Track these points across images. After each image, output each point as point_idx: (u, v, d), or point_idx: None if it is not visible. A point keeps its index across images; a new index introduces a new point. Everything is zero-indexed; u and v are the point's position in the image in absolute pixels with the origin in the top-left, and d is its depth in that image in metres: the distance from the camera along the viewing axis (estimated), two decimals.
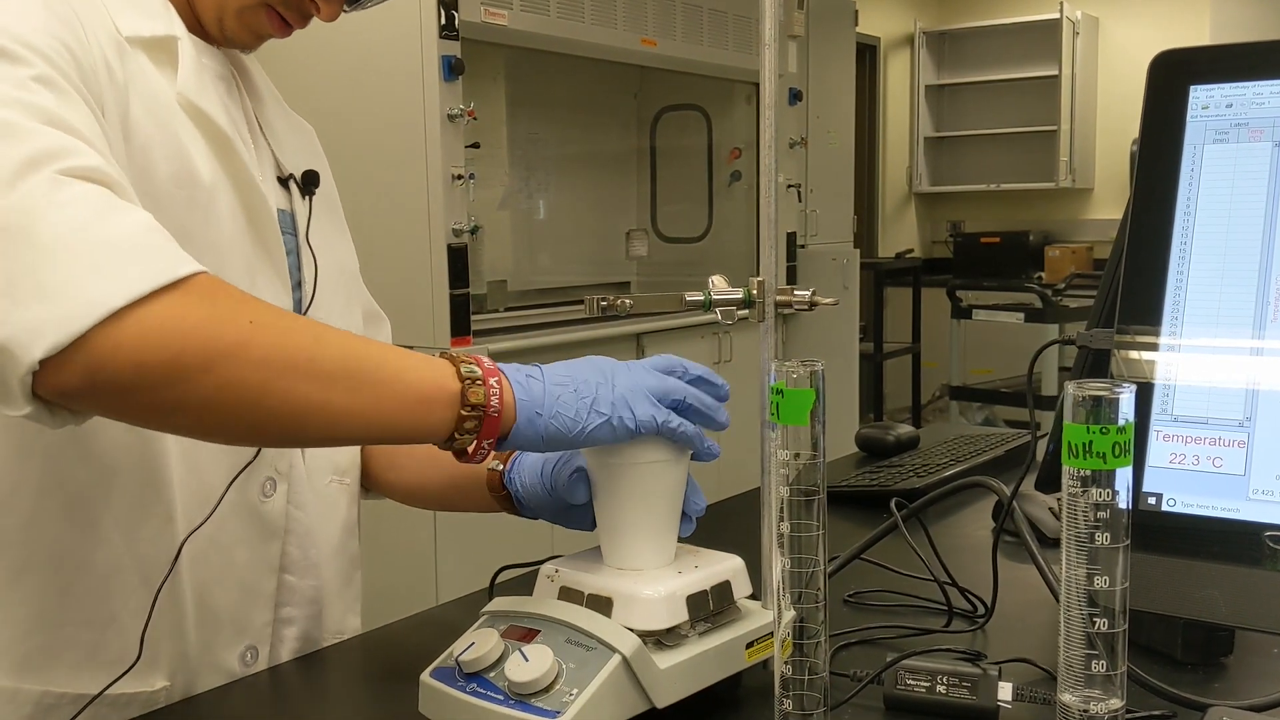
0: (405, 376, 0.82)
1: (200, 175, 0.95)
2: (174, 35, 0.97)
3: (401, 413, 0.82)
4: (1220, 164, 0.89)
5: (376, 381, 0.81)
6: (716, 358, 4.06)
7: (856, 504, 1.48)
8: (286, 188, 1.10)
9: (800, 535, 0.74)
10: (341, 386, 0.80)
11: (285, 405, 0.78)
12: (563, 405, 0.84)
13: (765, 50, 0.91)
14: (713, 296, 0.93)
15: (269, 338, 0.78)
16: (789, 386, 0.72)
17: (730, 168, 4.70)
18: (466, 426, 0.82)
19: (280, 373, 0.78)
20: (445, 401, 0.82)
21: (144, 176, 0.90)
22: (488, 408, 0.82)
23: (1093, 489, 0.62)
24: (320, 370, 0.79)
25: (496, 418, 0.83)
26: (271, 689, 1.02)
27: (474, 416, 0.82)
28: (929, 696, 0.87)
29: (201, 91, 0.97)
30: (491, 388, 0.83)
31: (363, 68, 3.23)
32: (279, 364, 0.78)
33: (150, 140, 0.92)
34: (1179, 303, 0.89)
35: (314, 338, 0.81)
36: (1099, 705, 0.64)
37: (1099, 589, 0.63)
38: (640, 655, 0.81)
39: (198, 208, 0.94)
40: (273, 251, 1.02)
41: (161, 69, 0.96)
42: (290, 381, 0.78)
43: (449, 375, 0.83)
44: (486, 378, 0.83)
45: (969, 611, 1.08)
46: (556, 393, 0.84)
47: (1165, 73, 0.93)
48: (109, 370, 0.74)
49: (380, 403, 0.81)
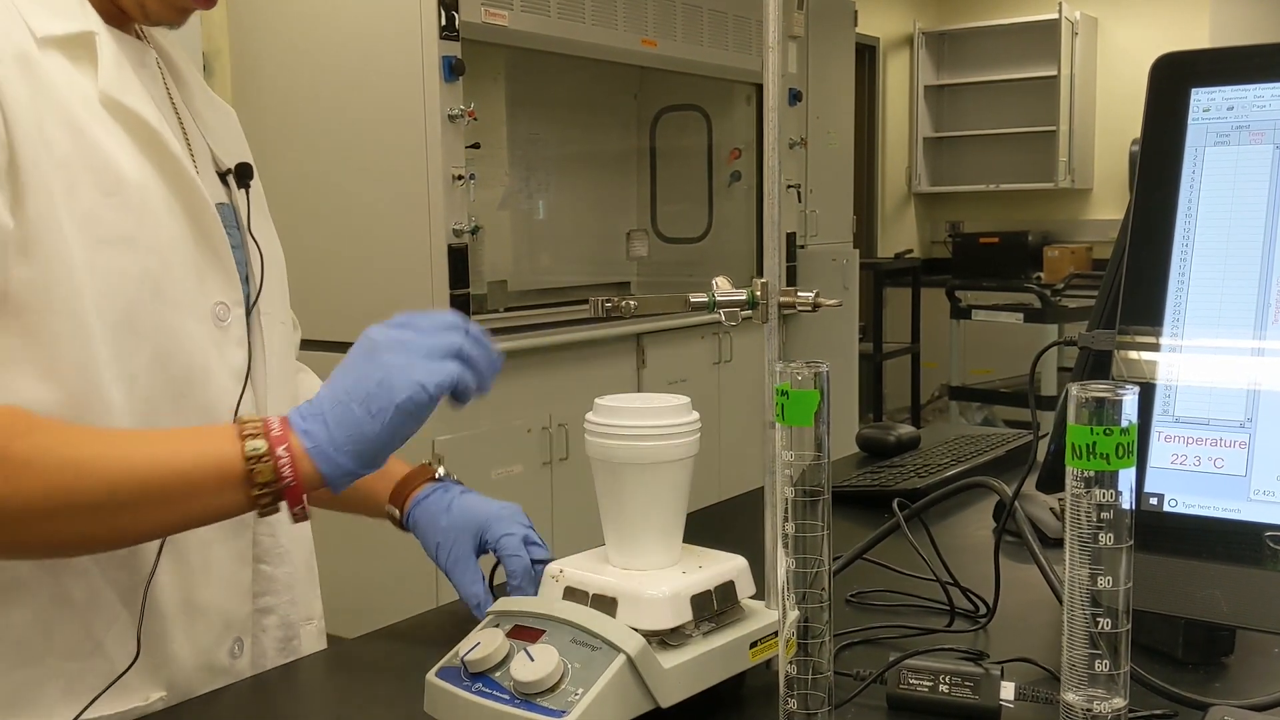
0: (179, 478, 0.84)
1: (127, 176, 0.92)
2: (91, 31, 0.93)
3: (191, 513, 0.86)
4: (1221, 167, 0.89)
5: (148, 498, 0.84)
6: (716, 358, 4.07)
7: (858, 504, 1.48)
8: (225, 182, 1.08)
9: (805, 535, 0.74)
10: (106, 516, 0.84)
11: (50, 544, 0.86)
12: (354, 426, 0.85)
13: (769, 54, 0.91)
14: (716, 298, 0.94)
15: (19, 491, 0.81)
16: (794, 388, 0.73)
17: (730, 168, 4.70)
18: (263, 502, 0.85)
19: (37, 521, 0.82)
20: (233, 487, 0.84)
21: (70, 194, 0.88)
22: (279, 481, 0.84)
23: (1096, 490, 0.63)
24: (82, 505, 0.83)
25: (296, 485, 0.85)
26: (275, 689, 1.02)
27: (269, 492, 0.84)
28: (931, 696, 0.87)
29: (125, 88, 0.94)
30: (280, 458, 0.84)
31: (363, 68, 3.24)
32: (35, 515, 0.82)
33: (69, 155, 0.88)
34: (1180, 304, 0.89)
35: (75, 472, 0.83)
36: (1102, 705, 0.64)
37: (1102, 589, 0.63)
38: (645, 655, 0.81)
39: (131, 211, 0.92)
40: (217, 247, 1.00)
41: (81, 67, 0.92)
42: (52, 524, 0.83)
43: (233, 459, 0.84)
44: (274, 448, 0.84)
45: (971, 611, 1.09)
46: (339, 416, 0.85)
47: (1167, 75, 0.93)
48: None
49: (183, 513, 0.86)
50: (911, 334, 6.68)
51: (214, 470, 0.84)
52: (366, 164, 3.26)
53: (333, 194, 3.28)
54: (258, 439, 0.85)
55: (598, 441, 0.89)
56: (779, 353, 0.91)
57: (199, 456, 0.85)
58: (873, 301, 6.18)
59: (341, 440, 0.85)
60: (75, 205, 0.88)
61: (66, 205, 0.87)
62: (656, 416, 0.87)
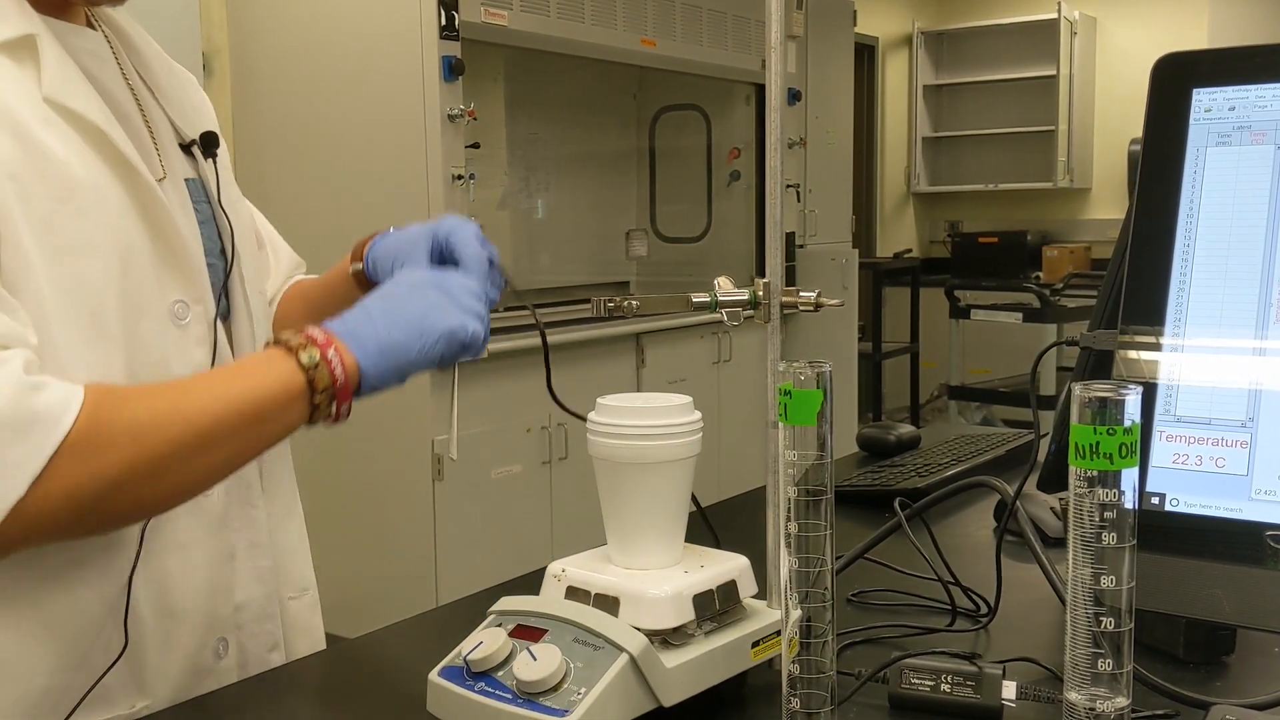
0: (257, 402, 0.88)
1: (81, 180, 0.90)
2: (31, 34, 0.91)
3: (267, 436, 0.90)
4: (1223, 167, 0.90)
5: (237, 426, 0.88)
6: (716, 357, 4.07)
7: (858, 504, 1.48)
8: (190, 153, 1.07)
9: (808, 535, 0.74)
10: (212, 450, 0.87)
11: (171, 493, 0.89)
12: (398, 340, 0.91)
13: (771, 53, 0.91)
14: (719, 298, 0.94)
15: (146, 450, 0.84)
16: (797, 388, 0.73)
17: (729, 168, 4.71)
18: (321, 406, 0.89)
19: (161, 473, 0.85)
20: (298, 399, 0.88)
21: (25, 204, 0.86)
22: (334, 384, 0.89)
23: (1099, 489, 0.63)
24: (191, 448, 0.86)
25: (345, 385, 0.89)
26: (277, 689, 1.02)
27: (326, 395, 0.89)
28: (933, 695, 0.87)
29: (68, 89, 0.92)
30: (331, 362, 0.88)
31: (363, 68, 3.24)
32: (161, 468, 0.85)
33: (20, 164, 0.87)
34: (1182, 304, 0.90)
35: (170, 418, 0.86)
36: (1105, 704, 0.64)
37: (1105, 588, 0.63)
38: (647, 654, 0.81)
39: (88, 216, 0.91)
40: (173, 244, 0.98)
41: (24, 69, 0.90)
42: (171, 474, 0.86)
43: (294, 371, 0.88)
44: (324, 352, 0.89)
45: (972, 611, 1.09)
46: (389, 326, 0.91)
47: (1168, 75, 0.93)
48: (22, 544, 0.84)
49: (246, 443, 0.90)
50: (910, 334, 6.69)
51: (282, 390, 0.88)
52: (366, 163, 3.26)
53: (333, 193, 3.28)
54: (308, 349, 0.89)
55: (600, 441, 0.89)
56: (780, 352, 0.91)
57: (266, 381, 0.88)
58: (872, 301, 6.19)
59: (389, 347, 0.91)
60: (32, 214, 0.86)
61: (24, 215, 0.86)
62: (659, 416, 0.88)
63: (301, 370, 0.88)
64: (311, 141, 3.33)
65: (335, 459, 3.18)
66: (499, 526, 3.38)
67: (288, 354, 0.89)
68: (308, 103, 3.33)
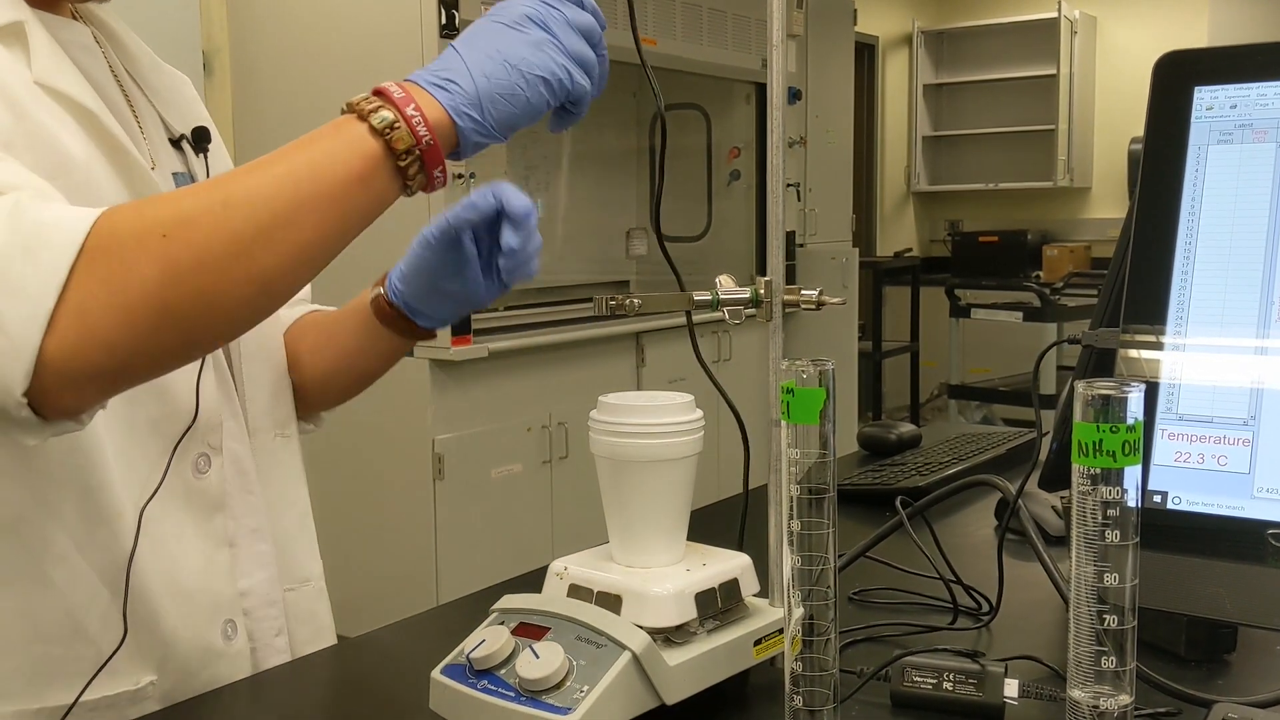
0: (326, 175, 0.79)
1: (72, 154, 0.90)
2: (20, 20, 0.91)
3: (348, 212, 0.81)
4: (1224, 165, 0.90)
5: (304, 204, 0.78)
6: (716, 356, 4.07)
7: (859, 502, 1.48)
8: (180, 148, 1.06)
9: (810, 533, 0.74)
10: (279, 235, 0.78)
11: (245, 285, 0.78)
12: (500, 86, 0.81)
13: (773, 52, 0.91)
14: (720, 296, 0.94)
15: (186, 244, 0.76)
16: (799, 386, 0.73)
17: (729, 167, 4.71)
18: (411, 173, 0.81)
19: (219, 265, 0.76)
20: (376, 167, 0.80)
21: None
22: (418, 144, 0.80)
23: (1102, 487, 0.63)
24: (250, 236, 0.77)
25: (434, 145, 0.80)
26: (279, 687, 1.02)
27: (412, 158, 0.80)
28: (935, 693, 0.87)
29: (58, 73, 0.92)
30: (413, 119, 0.79)
31: (363, 67, 3.24)
32: (213, 261, 0.76)
33: (11, 134, 0.86)
34: (1184, 302, 0.90)
35: (223, 205, 0.77)
36: (1109, 701, 0.64)
37: (1109, 586, 0.63)
38: (650, 652, 0.81)
39: (77, 191, 0.88)
40: None
41: (15, 54, 0.90)
42: (233, 265, 0.77)
43: (364, 137, 0.79)
44: (402, 110, 0.79)
45: (974, 609, 1.09)
46: (487, 72, 0.81)
47: (1170, 73, 0.93)
48: (84, 367, 0.75)
49: (324, 220, 0.80)
50: (911, 333, 6.69)
51: (351, 158, 0.79)
52: None
53: None
54: (381, 110, 0.80)
55: (602, 439, 0.89)
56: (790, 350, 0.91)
57: (332, 149, 0.80)
58: (872, 300, 6.19)
59: (487, 95, 0.82)
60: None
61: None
62: (661, 414, 0.88)
63: (375, 135, 0.79)
64: None
65: (336, 458, 3.18)
66: (499, 526, 3.38)
67: (358, 118, 0.80)
68: (308, 102, 3.33)
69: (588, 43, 0.88)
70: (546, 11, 0.86)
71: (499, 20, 0.85)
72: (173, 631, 0.98)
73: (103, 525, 0.93)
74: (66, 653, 0.93)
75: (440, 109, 0.81)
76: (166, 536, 0.98)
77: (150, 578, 0.96)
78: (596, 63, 0.88)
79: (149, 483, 0.95)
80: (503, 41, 0.83)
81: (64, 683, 0.92)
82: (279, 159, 0.81)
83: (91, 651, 0.93)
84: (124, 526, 0.94)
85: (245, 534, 1.06)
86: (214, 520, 1.02)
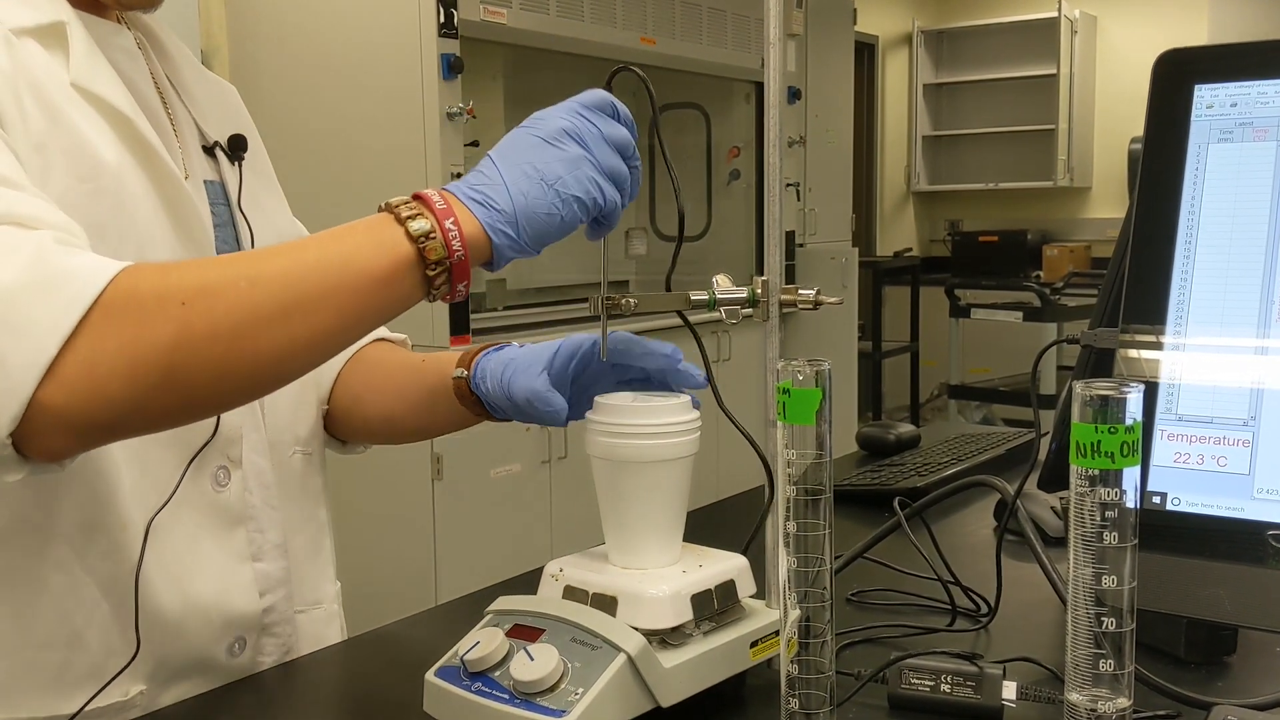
0: (355, 270, 0.79)
1: (104, 159, 0.90)
2: (61, 21, 0.91)
3: (367, 309, 0.80)
4: (1224, 163, 0.89)
5: (328, 293, 0.78)
6: (715, 356, 4.06)
7: (857, 502, 1.48)
8: (213, 155, 1.06)
9: (806, 535, 0.74)
10: (298, 318, 0.78)
11: (254, 362, 0.78)
12: (534, 204, 0.82)
13: (770, 50, 0.91)
14: (717, 295, 0.93)
15: (205, 313, 0.76)
16: (796, 386, 0.72)
17: (729, 166, 4.70)
18: (437, 283, 0.81)
19: (233, 339, 0.76)
20: (405, 271, 0.80)
21: (43, 178, 0.86)
22: (450, 257, 0.80)
23: (1100, 488, 0.62)
24: (268, 315, 0.77)
25: (465, 259, 0.80)
26: (273, 688, 1.02)
27: (442, 269, 0.80)
28: (933, 695, 0.87)
29: (95, 76, 0.92)
30: (449, 232, 0.80)
31: (362, 66, 3.23)
32: (227, 332, 0.76)
33: (46, 137, 0.86)
34: (1183, 302, 0.89)
35: (249, 282, 0.77)
36: (1107, 704, 0.64)
37: (1107, 588, 0.63)
38: (645, 654, 0.81)
39: (107, 195, 0.89)
40: (197, 236, 0.97)
41: (54, 55, 0.90)
42: (246, 341, 0.76)
43: (399, 241, 0.79)
44: (440, 221, 0.80)
45: (972, 610, 1.09)
46: (523, 191, 0.82)
47: (1170, 72, 0.93)
48: (80, 418, 0.75)
49: (343, 312, 0.79)
50: (910, 333, 6.68)
51: (382, 258, 0.79)
52: (365, 162, 3.26)
53: (332, 191, 3.28)
54: (420, 218, 0.80)
55: (599, 439, 0.88)
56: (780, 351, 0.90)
57: (364, 245, 0.80)
58: (872, 300, 6.18)
59: (523, 215, 0.82)
60: (49, 190, 0.85)
61: (41, 189, 0.84)
62: (658, 415, 0.87)
63: (410, 241, 0.79)
64: (310, 140, 3.32)
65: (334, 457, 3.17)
66: (498, 526, 3.38)
67: (395, 221, 0.80)
68: (306, 101, 3.33)
69: (621, 155, 0.89)
70: (584, 126, 0.87)
71: (537, 134, 0.85)
72: (175, 645, 0.97)
73: (105, 535, 0.92)
74: (61, 661, 0.92)
75: (477, 225, 0.81)
76: (179, 549, 0.97)
77: (158, 590, 0.95)
78: (629, 176, 0.89)
79: (165, 492, 0.94)
80: (540, 158, 0.84)
81: (57, 691, 0.91)
82: (312, 245, 0.81)
83: (87, 661, 0.92)
84: (130, 537, 0.93)
85: (270, 549, 1.05)
86: (235, 534, 1.01)
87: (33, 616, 0.91)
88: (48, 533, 0.91)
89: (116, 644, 0.93)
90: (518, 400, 0.99)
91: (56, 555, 0.91)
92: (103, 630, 0.93)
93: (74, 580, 0.92)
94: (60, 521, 0.91)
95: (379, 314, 0.82)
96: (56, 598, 0.91)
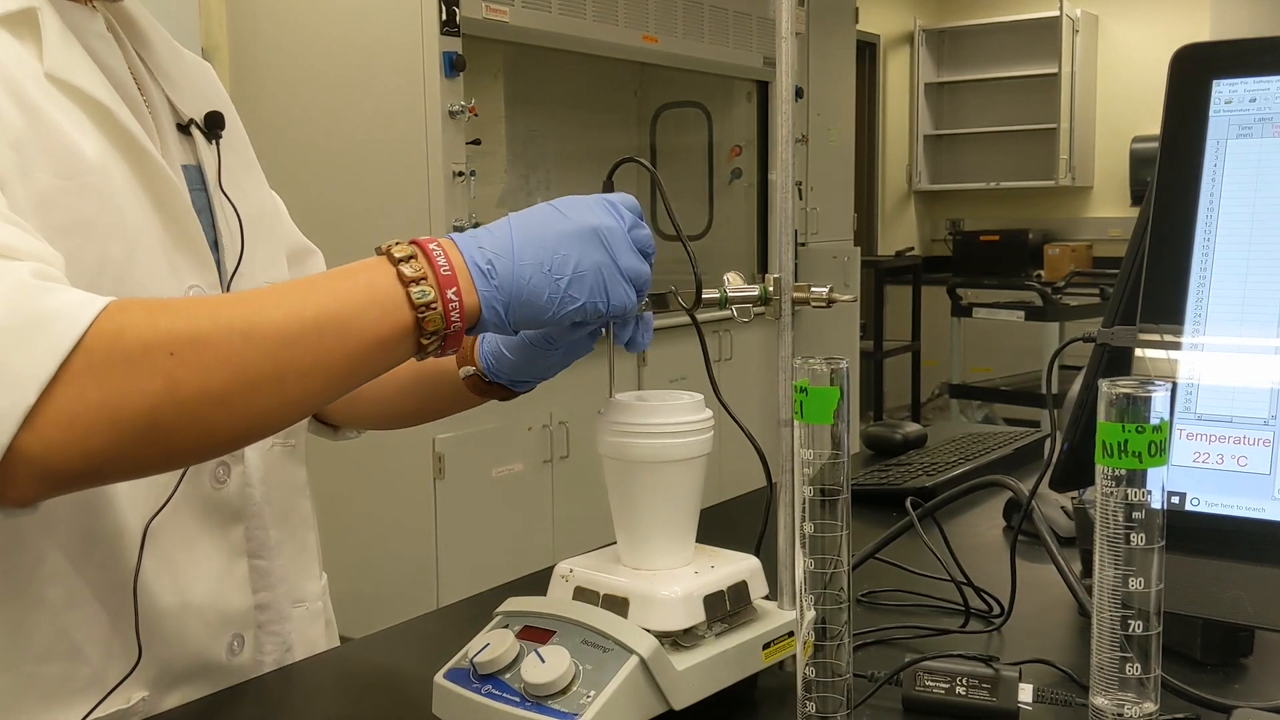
0: (353, 335, 0.77)
1: (86, 155, 0.87)
2: (32, 8, 0.88)
3: (360, 370, 0.78)
4: (1244, 159, 0.88)
5: (324, 356, 0.76)
6: (717, 356, 4.05)
7: (865, 502, 1.47)
8: (188, 133, 1.02)
9: (823, 535, 0.73)
10: (291, 380, 0.75)
11: (243, 423, 0.76)
12: (533, 290, 0.80)
13: (781, 44, 0.89)
14: (728, 294, 0.92)
15: (194, 368, 0.72)
16: (813, 384, 0.71)
17: (731, 165, 4.69)
18: (430, 349, 0.80)
19: (222, 398, 0.73)
20: (402, 338, 0.78)
21: (24, 177, 0.83)
22: (448, 326, 0.78)
23: (1126, 489, 0.61)
24: (260, 376, 0.74)
25: (459, 331, 0.79)
26: (281, 691, 1.01)
27: (436, 337, 0.79)
28: (948, 698, 0.86)
29: (70, 65, 0.88)
30: (450, 302, 0.78)
31: (363, 64, 3.22)
32: (217, 392, 0.73)
33: (24, 134, 0.83)
34: (1202, 300, 0.88)
35: (243, 337, 0.74)
36: (1133, 709, 0.63)
37: (1133, 591, 0.61)
38: (658, 656, 0.79)
39: (92, 193, 0.87)
40: (187, 228, 0.95)
41: (26, 45, 0.87)
42: (236, 401, 0.74)
43: (400, 307, 0.77)
44: (443, 292, 0.78)
45: (985, 612, 1.07)
46: (527, 275, 0.80)
47: (1187, 67, 0.91)
48: (58, 468, 0.71)
49: (338, 376, 0.78)
50: (912, 332, 6.67)
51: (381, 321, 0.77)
52: (366, 160, 3.25)
53: (332, 190, 3.27)
54: (421, 284, 0.77)
55: (610, 439, 0.87)
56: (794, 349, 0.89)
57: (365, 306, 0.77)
58: (873, 299, 6.17)
59: (519, 297, 0.80)
60: (30, 189, 0.83)
61: (22, 189, 0.83)
62: (670, 414, 0.86)
63: (411, 308, 0.77)
64: (311, 138, 3.31)
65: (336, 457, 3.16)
66: (500, 526, 3.37)
67: (398, 281, 0.77)
68: (307, 100, 3.32)
69: (643, 254, 0.86)
70: (616, 231, 0.84)
71: (565, 227, 0.83)
72: (175, 648, 0.96)
73: (101, 543, 0.91)
74: (62, 673, 0.90)
75: (475, 299, 0.79)
76: (175, 550, 0.95)
77: (156, 595, 0.94)
78: (649, 278, 0.86)
79: (162, 496, 0.93)
80: (560, 252, 0.81)
81: (59, 703, 0.90)
82: (309, 301, 0.77)
83: (87, 671, 0.91)
84: (127, 543, 0.91)
85: (269, 545, 1.04)
86: (232, 531, 1.00)
87: (31, 630, 0.89)
88: (43, 545, 0.89)
89: (117, 651, 0.92)
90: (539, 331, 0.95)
91: (52, 567, 0.89)
92: (102, 639, 0.91)
93: (71, 591, 0.90)
94: (55, 533, 0.89)
95: (370, 373, 0.80)
96: (54, 611, 0.90)
